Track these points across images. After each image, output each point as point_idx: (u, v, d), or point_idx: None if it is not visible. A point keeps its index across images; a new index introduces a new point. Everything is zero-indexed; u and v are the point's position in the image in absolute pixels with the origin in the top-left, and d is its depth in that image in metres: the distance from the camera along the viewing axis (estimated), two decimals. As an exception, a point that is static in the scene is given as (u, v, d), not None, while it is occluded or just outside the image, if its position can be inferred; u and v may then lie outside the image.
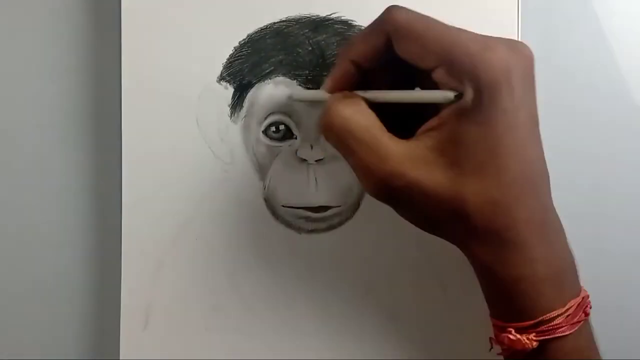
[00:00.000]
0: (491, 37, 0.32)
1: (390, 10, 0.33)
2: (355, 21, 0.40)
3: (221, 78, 0.40)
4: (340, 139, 0.33)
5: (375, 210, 0.40)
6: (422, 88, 0.35)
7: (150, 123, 0.40)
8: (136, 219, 0.40)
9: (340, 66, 0.35)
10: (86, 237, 0.42)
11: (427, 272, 0.40)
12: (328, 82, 0.36)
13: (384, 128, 0.33)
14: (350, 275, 0.40)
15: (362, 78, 0.35)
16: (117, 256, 0.40)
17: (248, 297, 0.40)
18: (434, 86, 0.32)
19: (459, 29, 0.32)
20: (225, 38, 0.40)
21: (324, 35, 0.40)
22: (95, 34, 0.42)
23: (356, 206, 0.40)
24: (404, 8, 0.33)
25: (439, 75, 0.32)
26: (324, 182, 0.40)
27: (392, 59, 0.33)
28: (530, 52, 0.32)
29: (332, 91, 0.35)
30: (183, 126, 0.40)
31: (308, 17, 0.40)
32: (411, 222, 0.34)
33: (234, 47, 0.40)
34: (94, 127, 0.42)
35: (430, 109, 0.33)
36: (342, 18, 0.40)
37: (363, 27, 0.40)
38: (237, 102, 0.40)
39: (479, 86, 0.30)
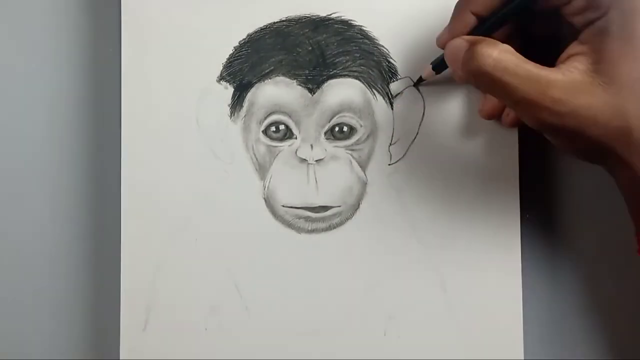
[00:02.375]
0: None
1: None
2: (355, 21, 0.40)
3: (221, 78, 0.40)
4: (496, 79, 0.33)
5: (375, 210, 0.40)
6: (541, 31, 0.37)
7: (150, 123, 0.40)
8: (136, 219, 0.40)
9: (458, 18, 0.36)
10: (86, 238, 0.42)
11: (427, 272, 0.40)
12: (445, 34, 0.37)
13: (531, 62, 0.33)
14: (350, 275, 0.40)
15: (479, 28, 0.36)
16: (117, 256, 0.40)
17: (248, 297, 0.40)
18: (557, 25, 0.35)
19: None
20: (225, 38, 0.40)
21: (324, 35, 0.40)
22: (95, 34, 0.42)
23: (356, 206, 0.40)
24: None
25: (578, 3, 0.33)
26: (324, 182, 0.40)
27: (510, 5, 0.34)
28: None
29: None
30: (183, 126, 0.40)
31: (308, 17, 0.40)
32: (568, 149, 0.35)
33: (234, 47, 0.40)
34: (94, 127, 0.42)
35: (560, 41, 0.34)
36: (342, 18, 0.40)
37: (363, 28, 0.40)
38: (237, 102, 0.40)
39: (621, 5, 0.32)
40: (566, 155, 0.40)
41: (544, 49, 0.35)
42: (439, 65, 0.38)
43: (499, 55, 0.33)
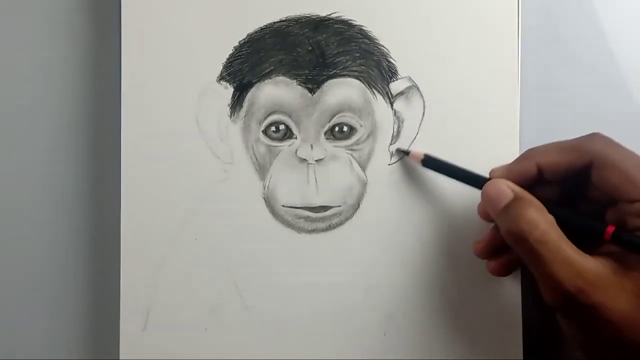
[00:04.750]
0: None
1: (596, 136, 0.35)
2: (355, 21, 0.40)
3: (221, 78, 0.40)
4: (533, 251, 0.33)
5: (375, 210, 0.40)
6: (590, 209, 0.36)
7: (150, 123, 0.40)
8: (136, 219, 0.40)
9: (523, 163, 0.36)
10: (86, 237, 0.42)
11: (427, 272, 0.40)
12: (503, 169, 0.37)
13: (569, 242, 0.33)
14: (350, 275, 0.40)
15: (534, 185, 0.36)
16: (117, 256, 0.40)
17: (248, 297, 0.40)
18: (617, 216, 0.34)
19: None
20: (225, 38, 0.40)
21: (324, 35, 0.40)
22: (95, 34, 0.42)
23: (356, 206, 0.40)
24: (608, 137, 0.34)
25: (635, 208, 0.33)
26: (324, 182, 0.40)
27: (573, 179, 0.35)
28: None
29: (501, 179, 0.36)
30: (183, 126, 0.40)
31: (308, 16, 0.40)
32: (581, 342, 0.34)
33: (234, 47, 0.40)
34: (93, 127, 0.42)
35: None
36: (342, 18, 0.40)
37: (363, 27, 0.40)
38: (237, 102, 0.40)
39: None
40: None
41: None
42: (431, 166, 0.39)
43: (545, 227, 0.33)
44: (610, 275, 0.32)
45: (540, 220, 0.33)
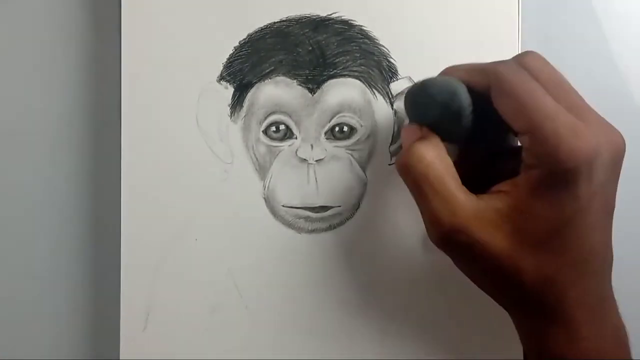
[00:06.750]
0: (587, 114, 0.32)
1: (500, 64, 0.33)
2: (355, 21, 0.40)
3: (221, 78, 0.40)
4: (416, 183, 0.33)
5: (375, 210, 0.40)
6: (502, 138, 0.36)
7: (150, 123, 0.40)
8: (136, 219, 0.40)
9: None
10: (86, 237, 0.42)
11: (427, 272, 0.40)
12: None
13: (458, 179, 0.33)
14: (350, 275, 0.40)
15: None
16: (117, 256, 0.40)
17: (248, 297, 0.40)
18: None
19: (557, 105, 0.31)
20: (225, 38, 0.40)
21: (324, 35, 0.40)
22: (95, 34, 0.42)
23: (356, 206, 0.40)
24: (533, 55, 0.33)
25: (523, 141, 0.32)
26: (324, 182, 0.40)
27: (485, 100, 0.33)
28: (622, 141, 0.32)
29: None
30: (183, 126, 0.40)
31: (308, 16, 0.40)
32: (467, 275, 0.34)
33: (234, 47, 0.40)
34: (93, 127, 0.42)
35: (506, 170, 0.33)
36: (342, 18, 0.40)
37: (363, 27, 0.40)
38: (237, 102, 0.40)
39: (556, 170, 0.30)
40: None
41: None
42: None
43: (430, 162, 0.32)
44: (492, 215, 0.32)
45: (425, 154, 0.32)
